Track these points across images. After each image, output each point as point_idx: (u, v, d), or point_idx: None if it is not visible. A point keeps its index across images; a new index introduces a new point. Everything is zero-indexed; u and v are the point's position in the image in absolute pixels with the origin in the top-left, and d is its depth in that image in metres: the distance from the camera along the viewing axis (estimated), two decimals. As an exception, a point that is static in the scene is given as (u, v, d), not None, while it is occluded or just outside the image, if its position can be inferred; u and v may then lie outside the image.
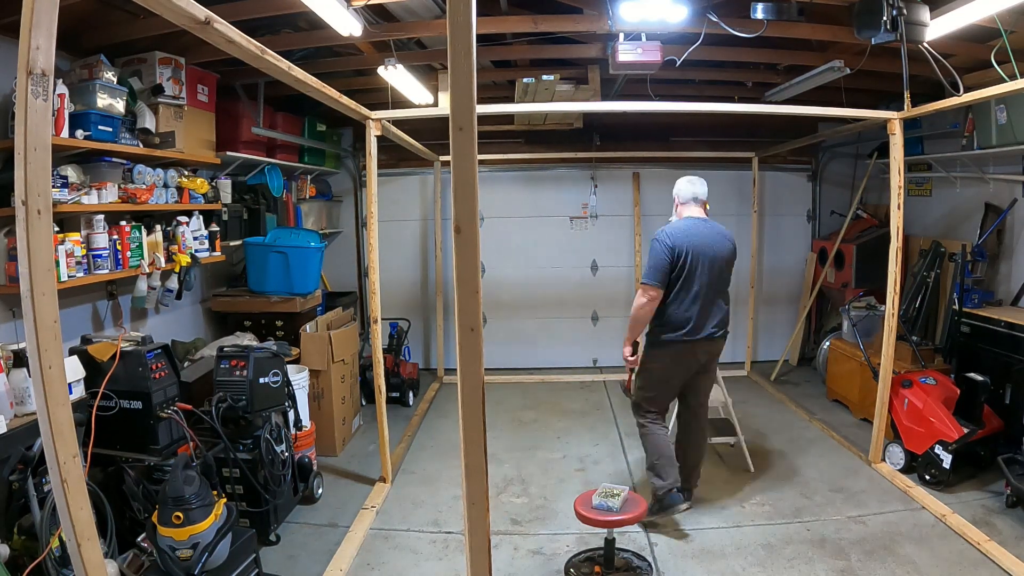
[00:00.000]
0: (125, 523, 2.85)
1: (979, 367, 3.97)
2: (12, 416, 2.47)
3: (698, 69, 4.68)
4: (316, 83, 2.88)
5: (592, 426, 5.03)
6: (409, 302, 6.63)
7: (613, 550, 2.99)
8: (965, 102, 3.43)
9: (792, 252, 6.71)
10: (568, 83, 4.75)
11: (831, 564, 3.02)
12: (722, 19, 3.63)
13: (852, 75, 4.09)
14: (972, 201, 4.99)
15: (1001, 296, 4.65)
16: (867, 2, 3.27)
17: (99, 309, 3.64)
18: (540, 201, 6.58)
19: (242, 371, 3.26)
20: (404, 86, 4.40)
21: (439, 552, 3.23)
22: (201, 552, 2.41)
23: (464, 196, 1.50)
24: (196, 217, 3.96)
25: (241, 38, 2.15)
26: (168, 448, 2.99)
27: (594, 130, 6.32)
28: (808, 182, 6.72)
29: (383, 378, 3.95)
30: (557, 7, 3.81)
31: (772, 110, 4.45)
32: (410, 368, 5.76)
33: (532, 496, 3.84)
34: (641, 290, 3.31)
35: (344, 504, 3.74)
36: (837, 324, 6.06)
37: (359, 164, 6.54)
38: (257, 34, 2.82)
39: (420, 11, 3.67)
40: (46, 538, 2.25)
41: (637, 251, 6.48)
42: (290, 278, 4.57)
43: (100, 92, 3.09)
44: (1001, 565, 2.91)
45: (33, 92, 1.40)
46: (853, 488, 3.81)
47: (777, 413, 5.22)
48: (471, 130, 1.48)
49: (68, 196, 2.94)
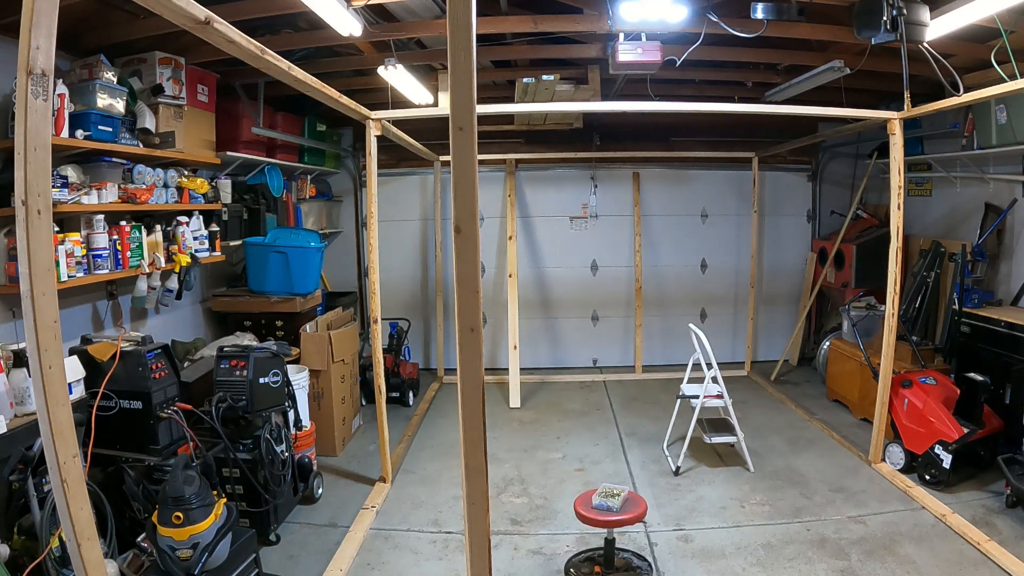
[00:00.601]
0: (125, 523, 2.85)
1: (979, 367, 3.97)
2: (12, 416, 2.47)
3: (698, 69, 4.68)
4: (316, 83, 2.88)
5: (592, 426, 5.03)
6: (409, 302, 6.63)
7: (613, 550, 2.99)
8: (965, 102, 3.43)
9: (792, 252, 6.71)
10: (568, 83, 4.75)
11: (831, 564, 3.02)
12: (722, 19, 3.63)
13: (852, 75, 4.09)
14: (972, 201, 4.99)
15: (1001, 296, 4.65)
16: (867, 2, 3.27)
17: (99, 309, 3.64)
18: (540, 201, 6.58)
19: (242, 371, 3.26)
20: (404, 86, 4.40)
21: (439, 552, 3.23)
22: (201, 552, 2.41)
23: (464, 196, 1.50)
24: (196, 217, 3.96)
25: (241, 38, 2.16)
26: (168, 448, 2.98)
27: (594, 130, 6.32)
28: (808, 182, 6.72)
29: (383, 378, 3.95)
30: (557, 7, 3.81)
31: (772, 110, 4.45)
32: (410, 368, 5.76)
33: (532, 496, 3.84)
34: None
35: (344, 504, 3.74)
36: (837, 324, 6.06)
37: (359, 164, 6.54)
38: (257, 34, 2.82)
39: (420, 11, 3.67)
40: (46, 538, 2.25)
41: (637, 251, 6.49)
42: (290, 278, 4.57)
43: (100, 92, 3.09)
44: (1001, 565, 2.91)
45: (33, 92, 1.40)
46: (853, 488, 3.81)
47: (777, 413, 5.22)
48: (471, 130, 1.48)
49: (68, 196, 2.94)
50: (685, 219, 6.61)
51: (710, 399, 4.11)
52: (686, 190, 6.54)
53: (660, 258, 6.63)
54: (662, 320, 6.65)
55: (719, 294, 6.71)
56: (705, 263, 6.70)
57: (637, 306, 6.45)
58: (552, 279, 6.63)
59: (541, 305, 6.65)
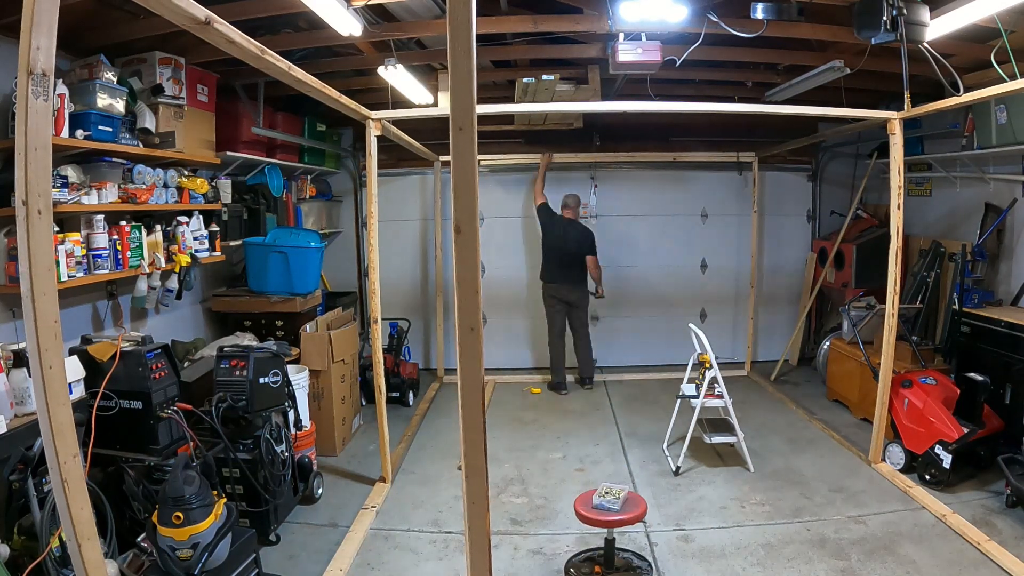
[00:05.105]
0: (125, 523, 2.85)
1: (979, 367, 3.97)
2: (12, 416, 2.47)
3: (698, 69, 4.68)
4: (316, 83, 2.88)
5: (592, 426, 5.03)
6: (409, 302, 6.63)
7: (613, 550, 2.99)
8: (965, 102, 3.43)
9: (792, 252, 6.71)
10: (568, 83, 4.75)
11: (831, 564, 3.02)
12: (722, 19, 3.63)
13: (852, 75, 4.09)
14: (972, 201, 4.99)
15: (1001, 296, 4.65)
16: (867, 2, 3.26)
17: (99, 309, 3.64)
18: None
19: (242, 371, 3.26)
20: (404, 86, 4.40)
21: (439, 552, 3.23)
22: (201, 552, 2.41)
23: (464, 196, 1.50)
24: (196, 217, 3.95)
25: (241, 38, 2.15)
26: (168, 448, 2.99)
27: (594, 130, 6.32)
28: (808, 182, 6.72)
29: (383, 378, 3.95)
30: (557, 7, 3.81)
31: (772, 110, 4.45)
32: (410, 368, 5.76)
33: (532, 496, 3.84)
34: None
35: (344, 504, 3.74)
36: (837, 324, 6.05)
37: (359, 164, 6.54)
38: (257, 34, 2.82)
39: (420, 11, 3.67)
40: (46, 538, 2.25)
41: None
42: (290, 278, 4.57)
43: (100, 92, 3.09)
44: (1001, 565, 2.91)
45: (33, 92, 1.40)
46: (853, 488, 3.81)
47: (777, 413, 5.22)
48: (471, 130, 1.48)
49: (68, 196, 2.94)
50: (685, 219, 6.61)
51: (710, 399, 4.10)
52: (686, 190, 6.54)
53: (660, 258, 6.63)
54: (662, 320, 6.65)
55: (719, 294, 6.71)
56: (705, 263, 6.70)
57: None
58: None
59: (541, 305, 6.64)
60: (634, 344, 6.69)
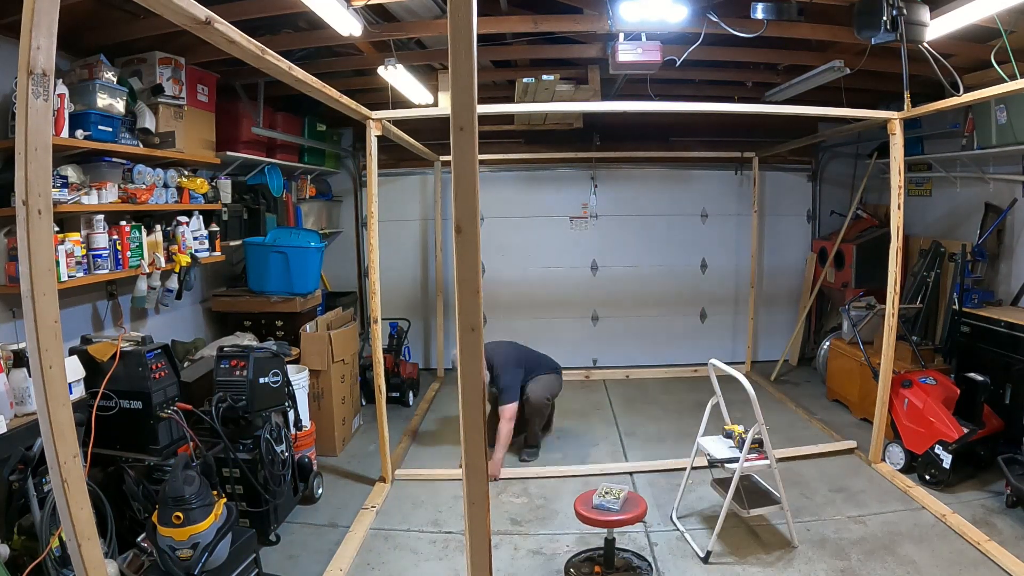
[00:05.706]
0: (125, 523, 2.85)
1: (979, 367, 3.97)
2: (12, 416, 2.47)
3: (698, 69, 4.68)
4: (316, 83, 2.88)
5: (592, 426, 5.03)
6: (409, 302, 6.63)
7: (613, 550, 2.99)
8: (965, 102, 3.43)
9: (792, 252, 6.71)
10: (568, 83, 4.75)
11: (831, 564, 3.02)
12: (722, 19, 3.63)
13: (852, 75, 4.09)
14: (972, 201, 4.99)
15: (1001, 296, 4.65)
16: (867, 2, 3.27)
17: (99, 309, 3.64)
18: (540, 201, 6.58)
19: (242, 371, 3.26)
20: (404, 86, 4.40)
21: (439, 552, 3.23)
22: (201, 552, 2.41)
23: (464, 196, 1.50)
24: (196, 217, 3.95)
25: (242, 38, 2.16)
26: (168, 448, 2.99)
27: (594, 130, 6.32)
28: (808, 182, 6.72)
29: (383, 378, 3.95)
30: (557, 7, 3.81)
31: (772, 110, 4.45)
32: (410, 368, 5.76)
33: (532, 496, 3.84)
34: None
35: (344, 504, 3.74)
36: (837, 324, 6.05)
37: (359, 164, 6.53)
38: (257, 34, 2.81)
39: (420, 11, 3.67)
40: (46, 538, 2.25)
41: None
42: (290, 278, 4.57)
43: (100, 92, 3.09)
44: (1001, 565, 2.91)
45: (34, 92, 1.40)
46: (853, 488, 3.81)
47: (777, 413, 5.21)
48: (471, 130, 1.48)
49: (68, 196, 2.93)
50: (685, 219, 6.61)
51: (751, 461, 3.14)
52: (686, 190, 6.53)
53: (660, 258, 6.63)
54: (662, 320, 6.65)
55: (719, 294, 6.70)
56: (705, 263, 6.69)
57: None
58: (552, 279, 6.62)
59: (541, 305, 6.64)
60: (634, 344, 6.68)
